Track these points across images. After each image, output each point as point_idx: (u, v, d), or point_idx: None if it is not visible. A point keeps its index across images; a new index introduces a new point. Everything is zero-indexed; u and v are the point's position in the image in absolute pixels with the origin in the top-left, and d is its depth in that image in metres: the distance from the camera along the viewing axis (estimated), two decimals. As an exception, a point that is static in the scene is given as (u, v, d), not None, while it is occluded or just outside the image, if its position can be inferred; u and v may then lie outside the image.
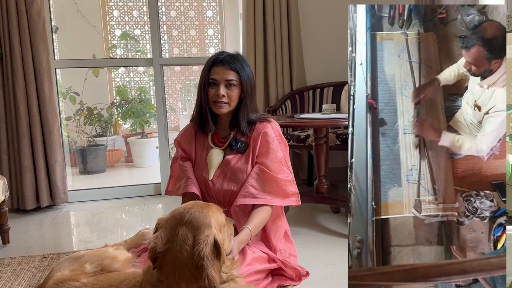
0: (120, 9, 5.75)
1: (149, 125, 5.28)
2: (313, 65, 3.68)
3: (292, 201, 1.88)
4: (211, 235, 1.30)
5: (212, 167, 1.91)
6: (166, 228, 1.34)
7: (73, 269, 1.54)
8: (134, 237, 1.90)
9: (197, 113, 1.94)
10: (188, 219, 1.33)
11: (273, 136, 1.88)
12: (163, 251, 1.31)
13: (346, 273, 1.91)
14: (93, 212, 3.22)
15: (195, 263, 1.26)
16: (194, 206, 1.39)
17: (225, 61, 1.83)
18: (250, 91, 1.88)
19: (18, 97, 3.05)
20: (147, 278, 1.36)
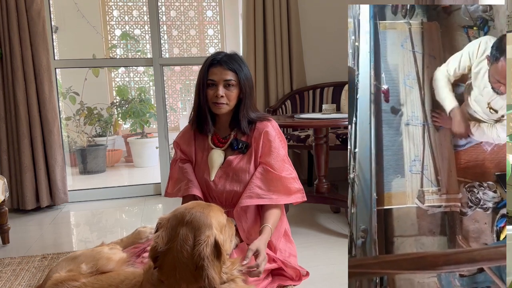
0: (120, 9, 5.75)
1: (149, 125, 5.28)
2: (313, 65, 3.68)
3: (297, 198, 1.89)
4: (212, 236, 1.30)
5: (214, 168, 1.91)
6: (167, 228, 1.34)
7: (69, 269, 1.54)
8: (131, 236, 1.90)
9: (195, 115, 1.94)
10: (189, 219, 1.33)
11: (274, 135, 1.88)
12: (164, 251, 1.30)
13: (346, 273, 1.91)
14: (93, 212, 3.21)
15: (195, 264, 1.26)
16: (195, 206, 1.39)
17: (223, 61, 1.83)
18: (249, 91, 1.88)
19: (18, 97, 3.05)
20: (147, 278, 1.36)
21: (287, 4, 3.47)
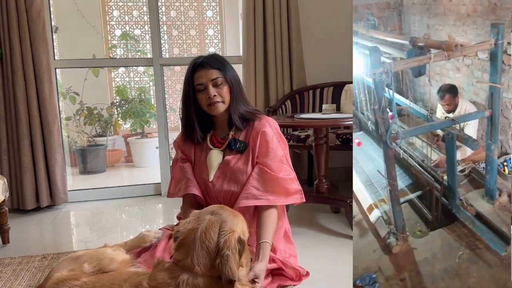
0: (120, 9, 5.75)
1: (149, 125, 5.28)
2: (313, 65, 3.68)
3: (295, 199, 1.88)
4: (237, 233, 1.34)
5: (212, 168, 1.91)
6: (194, 216, 1.39)
7: (71, 269, 1.54)
8: (135, 239, 1.89)
9: (184, 128, 1.95)
10: (218, 212, 1.38)
11: (272, 135, 1.88)
12: (186, 231, 1.34)
13: (346, 273, 1.91)
14: (93, 212, 3.21)
15: (217, 250, 1.29)
16: (225, 207, 1.44)
17: (204, 63, 1.85)
18: (237, 86, 1.90)
19: (18, 97, 3.05)
20: (158, 268, 1.37)
21: (287, 4, 3.47)
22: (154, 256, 1.69)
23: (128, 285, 1.38)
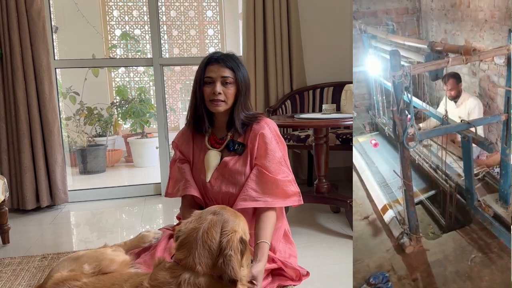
0: (120, 9, 5.75)
1: (149, 125, 5.28)
2: (313, 65, 3.68)
3: (293, 201, 1.88)
4: (238, 233, 1.34)
5: (210, 169, 1.90)
6: (195, 216, 1.39)
7: (71, 269, 1.54)
8: (134, 239, 1.89)
9: (192, 115, 1.94)
10: (220, 212, 1.38)
11: (270, 137, 1.87)
12: (188, 230, 1.34)
13: (346, 273, 1.91)
14: (93, 212, 3.21)
15: (220, 250, 1.29)
16: (227, 208, 1.44)
17: (220, 59, 1.85)
18: (245, 90, 1.88)
19: (18, 97, 3.05)
20: (158, 268, 1.36)
21: (287, 4, 3.47)
22: (154, 256, 1.68)
23: (129, 285, 1.38)
